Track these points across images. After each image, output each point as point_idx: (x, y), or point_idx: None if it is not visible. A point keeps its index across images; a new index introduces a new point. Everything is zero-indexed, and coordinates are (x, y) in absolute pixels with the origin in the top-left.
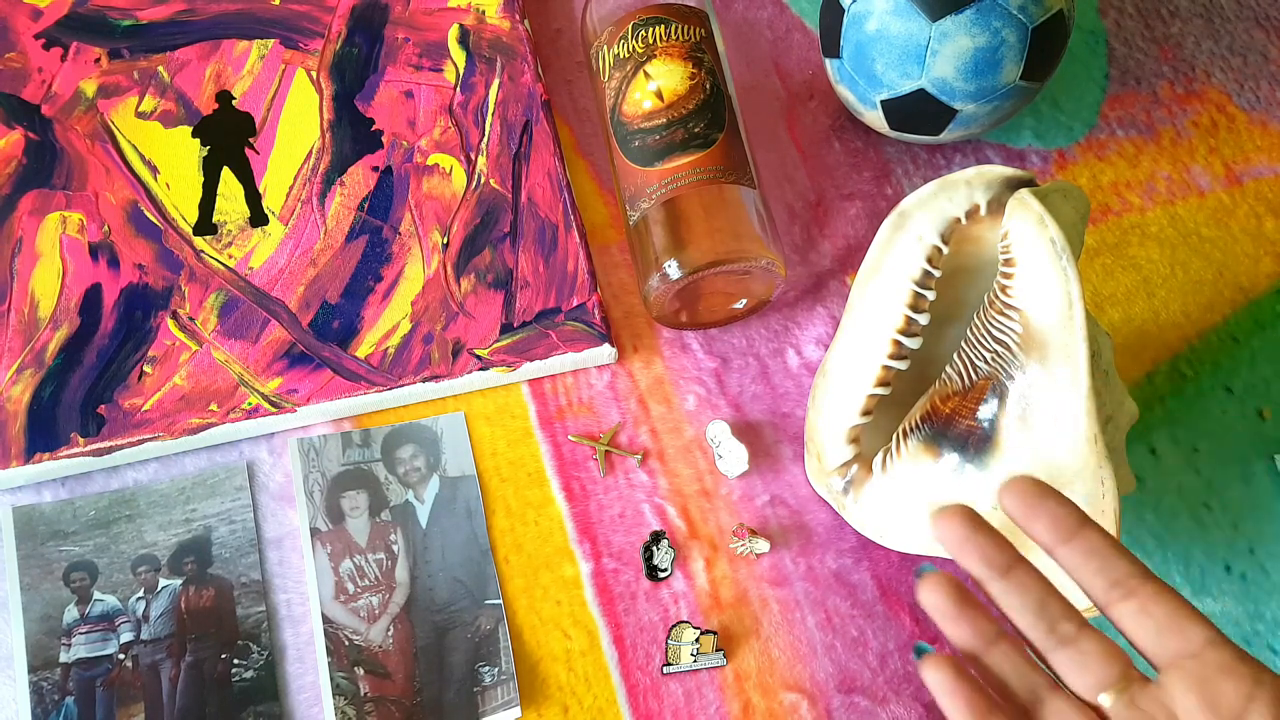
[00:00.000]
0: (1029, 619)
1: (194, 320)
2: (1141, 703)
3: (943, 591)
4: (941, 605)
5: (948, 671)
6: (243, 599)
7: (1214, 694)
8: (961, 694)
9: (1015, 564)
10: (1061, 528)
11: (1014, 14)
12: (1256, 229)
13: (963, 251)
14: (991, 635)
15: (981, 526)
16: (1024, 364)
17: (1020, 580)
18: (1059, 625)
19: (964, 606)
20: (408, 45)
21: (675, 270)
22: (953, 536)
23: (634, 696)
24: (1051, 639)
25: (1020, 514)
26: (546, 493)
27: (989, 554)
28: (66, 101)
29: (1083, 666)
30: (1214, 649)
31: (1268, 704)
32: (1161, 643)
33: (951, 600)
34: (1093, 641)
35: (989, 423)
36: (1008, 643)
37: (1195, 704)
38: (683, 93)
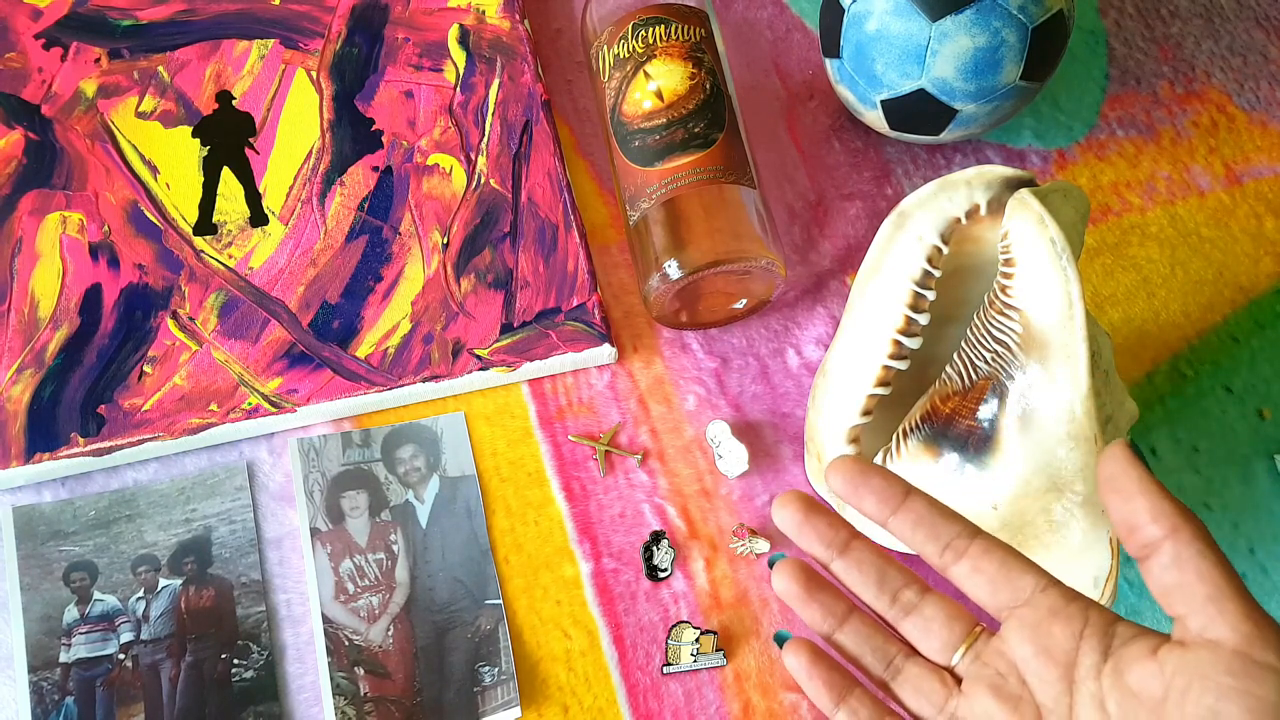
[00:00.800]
0: (872, 592)
1: (194, 320)
2: (986, 658)
3: (792, 576)
4: (792, 590)
5: (804, 655)
6: (243, 599)
7: (1047, 637)
8: (820, 675)
9: (851, 540)
10: (887, 499)
11: (1014, 14)
12: (1256, 229)
13: (963, 251)
14: (842, 613)
15: (815, 509)
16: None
17: (858, 555)
18: (901, 594)
19: (813, 589)
20: (408, 45)
21: (675, 270)
22: (791, 523)
23: (634, 696)
24: (896, 608)
25: (846, 492)
26: (546, 493)
27: (825, 534)
28: (66, 101)
29: (928, 631)
30: (1044, 594)
31: (1097, 639)
32: (995, 595)
33: (800, 584)
34: (935, 605)
35: (989, 423)
36: (859, 618)
37: (1030, 650)
38: (683, 93)
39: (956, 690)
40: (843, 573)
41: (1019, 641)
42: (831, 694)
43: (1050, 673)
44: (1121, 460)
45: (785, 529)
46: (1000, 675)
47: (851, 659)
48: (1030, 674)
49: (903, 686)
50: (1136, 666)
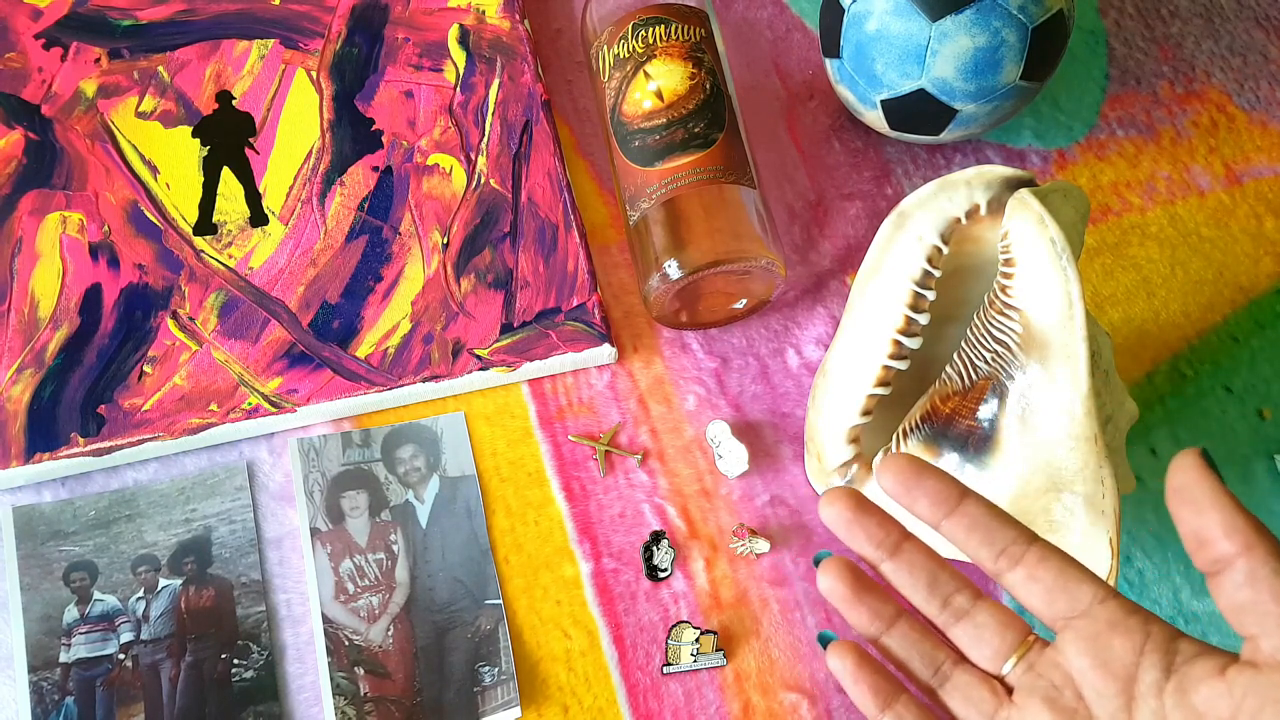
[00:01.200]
0: (923, 595)
1: (194, 320)
2: (1040, 668)
3: (839, 576)
4: (839, 591)
5: (850, 658)
6: (243, 599)
7: (1106, 651)
8: (865, 679)
9: (903, 542)
10: (943, 502)
11: (1014, 14)
12: (1256, 229)
13: (963, 251)
14: (890, 616)
15: (868, 507)
16: (1024, 364)
17: (910, 558)
18: (953, 599)
19: (861, 590)
20: (408, 45)
21: (675, 270)
22: (840, 521)
23: (634, 696)
24: (947, 613)
25: (900, 492)
26: (546, 493)
27: (876, 534)
28: (66, 101)
29: (979, 638)
30: (1103, 605)
31: (1158, 654)
32: (1052, 604)
33: (848, 585)
34: (988, 612)
35: (989, 423)
36: (908, 622)
37: (1088, 663)
38: (683, 93)
39: (1007, 700)
40: (892, 574)
41: (1076, 653)
42: (877, 699)
43: (1109, 687)
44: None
45: (833, 527)
46: (1055, 687)
47: (898, 663)
48: (1087, 687)
49: (950, 694)
50: (1203, 686)
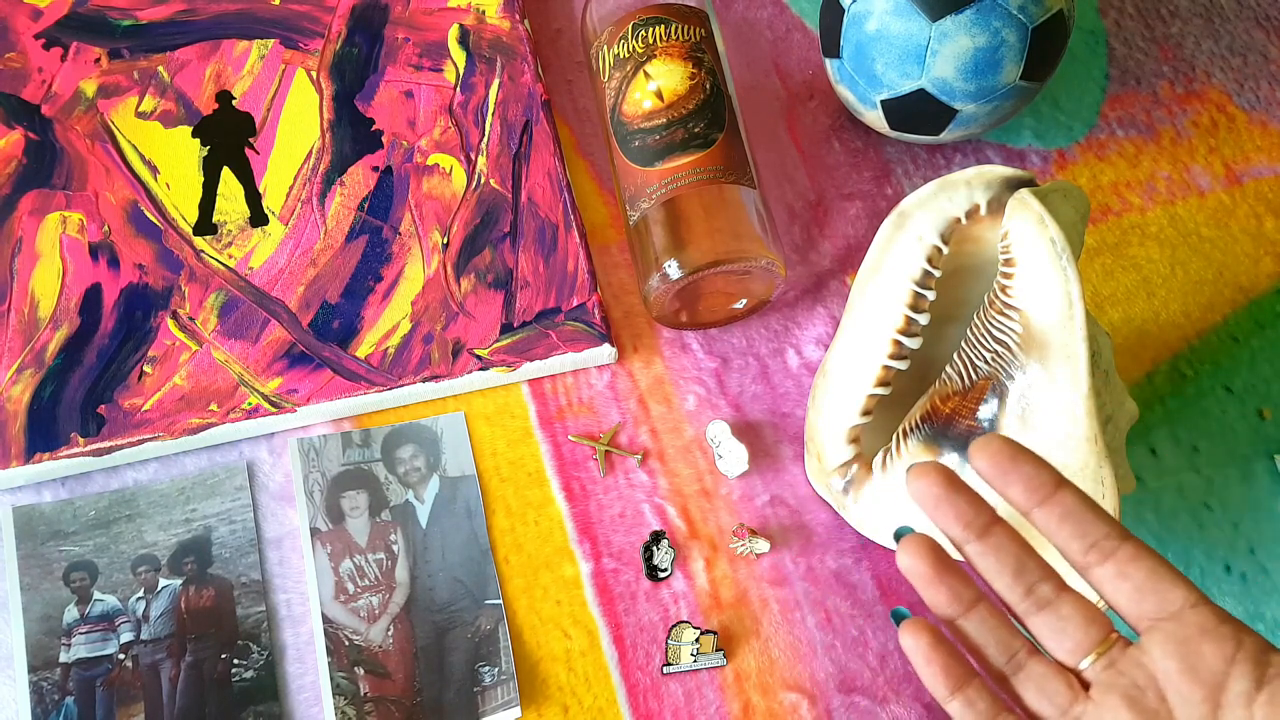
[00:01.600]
0: (1006, 581)
1: (194, 320)
2: (1122, 666)
3: (920, 554)
4: (919, 568)
5: (925, 637)
6: (243, 599)
7: (1195, 656)
8: (938, 661)
9: (992, 525)
10: (1037, 488)
11: (1014, 14)
12: (1256, 229)
13: (963, 251)
14: (969, 599)
15: (959, 486)
16: (1024, 364)
17: (997, 541)
18: (1037, 588)
19: (942, 570)
20: (408, 45)
21: (675, 270)
22: (929, 495)
23: (634, 696)
24: (1030, 602)
25: (993, 475)
26: (546, 493)
27: (966, 514)
28: (66, 101)
29: (1061, 631)
30: (1194, 610)
31: (1249, 665)
32: (1140, 604)
33: (929, 563)
34: (1072, 605)
35: (989, 423)
36: (986, 607)
37: (1175, 667)
38: (683, 93)
39: (1083, 695)
40: (978, 557)
41: (1163, 655)
42: (949, 681)
43: (1195, 693)
44: None
45: (921, 503)
46: (1137, 687)
47: (972, 648)
48: (1172, 691)
49: (1024, 683)
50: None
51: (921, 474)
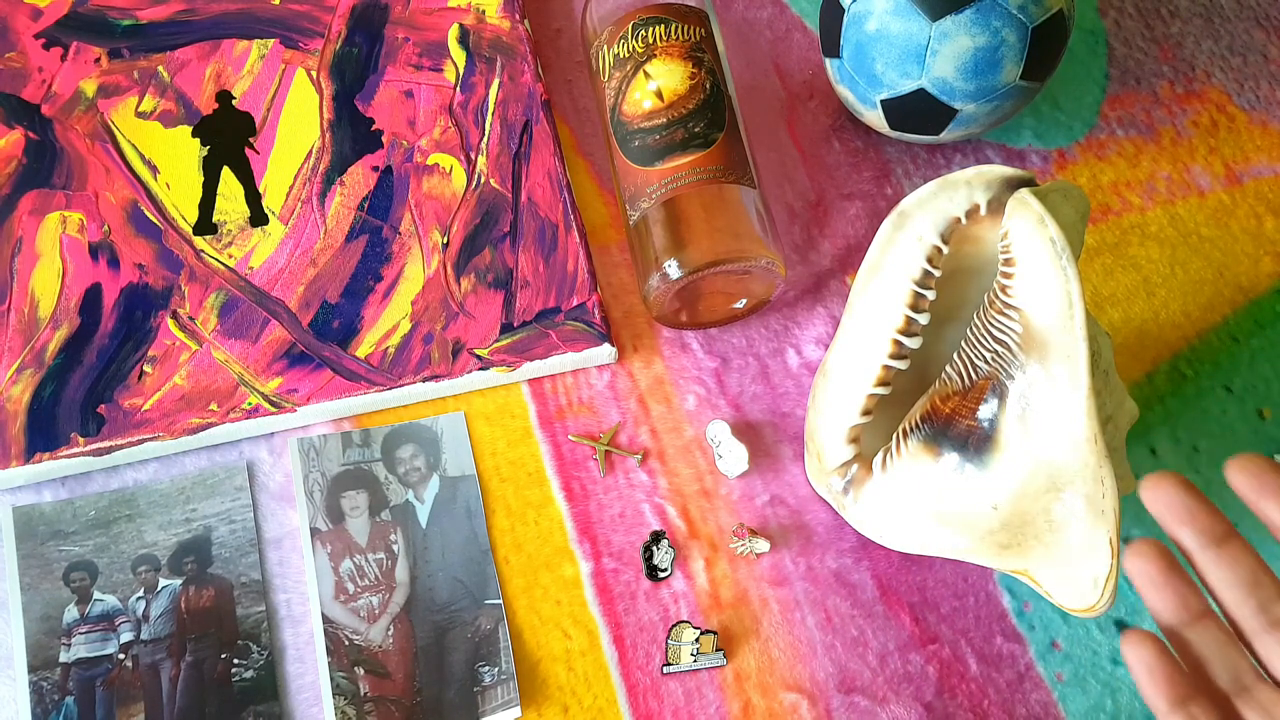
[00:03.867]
0: (1239, 595)
1: (194, 320)
2: None
3: (1151, 557)
4: (1148, 571)
5: (1151, 649)
6: (243, 599)
7: None
8: (1163, 674)
9: (1229, 537)
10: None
11: (1014, 14)
12: (1256, 229)
13: (963, 251)
14: (1197, 609)
15: (1196, 494)
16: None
17: (1233, 554)
18: (1271, 606)
19: (1172, 575)
20: (408, 45)
21: (675, 270)
22: (1165, 503)
23: (634, 696)
24: (1261, 619)
25: (1252, 491)
26: (546, 493)
27: (1203, 522)
28: (66, 101)
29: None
30: None
31: None
32: None
33: (1159, 567)
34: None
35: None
36: (1213, 621)
37: None
38: (683, 93)
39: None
40: (1210, 567)
41: None
42: (1172, 695)
43: None
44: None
45: (1156, 508)
46: None
47: (1194, 662)
48: None
49: (1248, 706)
50: None
51: (1158, 482)
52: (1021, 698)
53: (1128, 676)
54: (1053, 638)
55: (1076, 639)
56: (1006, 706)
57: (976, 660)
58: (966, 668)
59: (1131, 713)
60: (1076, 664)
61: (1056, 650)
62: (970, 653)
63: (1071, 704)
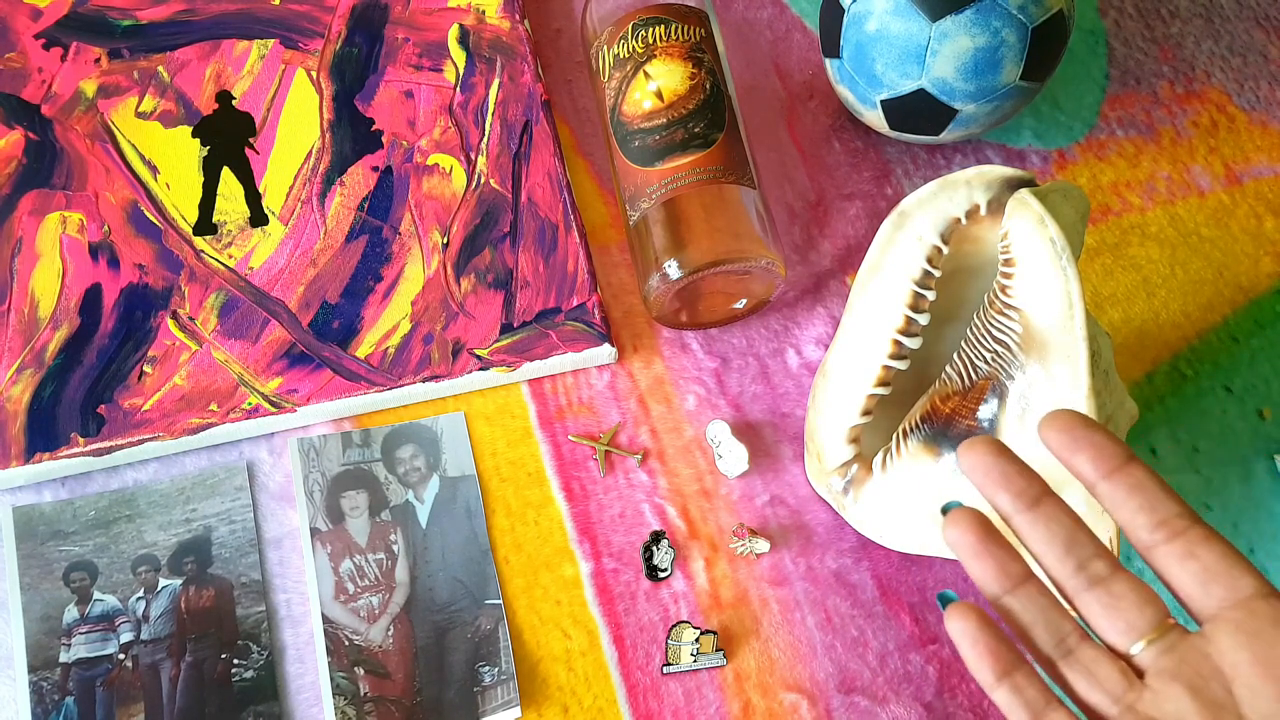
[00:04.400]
0: (1057, 554)
1: (194, 320)
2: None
3: (968, 525)
4: (966, 540)
5: (972, 620)
6: (243, 599)
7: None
8: (985, 645)
9: (1044, 496)
10: (1106, 460)
11: (1014, 14)
12: (1256, 229)
13: (963, 251)
14: (1017, 575)
15: (1009, 456)
16: (1024, 364)
17: (1049, 513)
18: (1090, 564)
19: (989, 542)
20: (408, 45)
21: (675, 270)
22: (978, 466)
23: (634, 696)
24: (1081, 578)
25: (1062, 446)
26: (546, 493)
27: (1016, 484)
28: (66, 101)
29: (1114, 610)
30: (1264, 600)
31: None
32: (1207, 591)
33: (977, 535)
34: (1126, 584)
35: (989, 423)
36: (1034, 585)
37: (1247, 658)
38: (683, 93)
39: (1138, 683)
40: (1027, 529)
41: (1233, 646)
42: (996, 667)
43: (1267, 689)
44: None
45: (970, 473)
46: (1200, 676)
47: (1019, 629)
48: (1241, 683)
49: (1073, 668)
50: None
51: (971, 446)
52: None
53: None
54: None
55: None
56: None
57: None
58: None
59: None
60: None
61: None
62: None
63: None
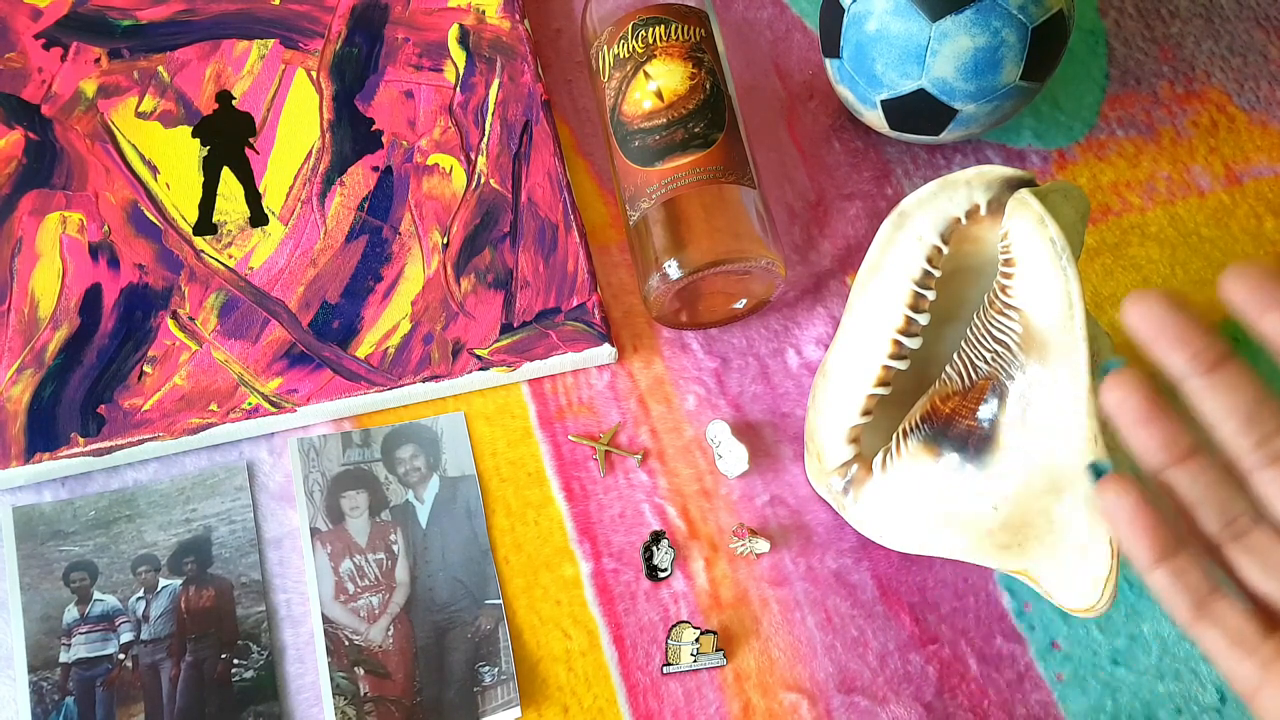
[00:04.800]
0: (1238, 425)
1: (194, 320)
2: None
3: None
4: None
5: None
6: (243, 599)
7: None
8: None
9: (1226, 359)
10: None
11: (1014, 14)
12: (1256, 229)
13: (963, 251)
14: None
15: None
16: (1024, 364)
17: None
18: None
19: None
20: (408, 45)
21: (675, 270)
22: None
23: (634, 696)
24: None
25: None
26: (546, 493)
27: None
28: (66, 101)
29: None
30: None
31: None
32: None
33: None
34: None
35: (989, 423)
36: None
37: None
38: (683, 93)
39: None
40: (1205, 394)
41: None
42: (1155, 547)
43: None
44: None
45: (1141, 329)
46: None
47: (1184, 506)
48: None
49: (1244, 552)
50: None
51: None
52: (1021, 698)
53: (1128, 677)
54: (1053, 638)
55: (1076, 639)
56: (1006, 707)
57: (976, 660)
58: (966, 668)
59: (1131, 713)
60: (1076, 664)
61: (1056, 650)
62: (970, 653)
63: (1072, 704)
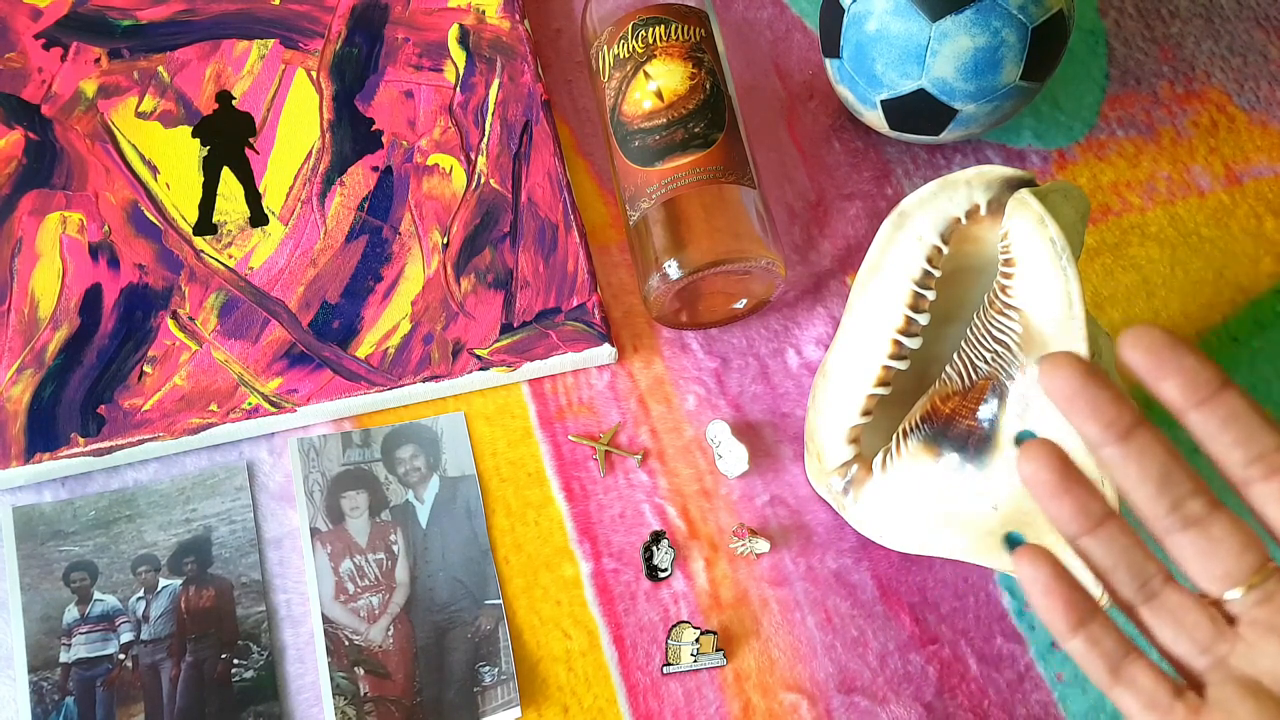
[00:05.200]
0: (1149, 492)
1: (194, 320)
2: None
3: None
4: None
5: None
6: (243, 599)
7: None
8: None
9: (1138, 426)
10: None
11: (1014, 14)
12: (1256, 229)
13: (963, 251)
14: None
15: (1101, 379)
16: (1024, 364)
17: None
18: (1186, 503)
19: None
20: (408, 45)
21: (675, 270)
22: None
23: (634, 696)
24: (1174, 518)
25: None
26: (546, 493)
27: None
28: (66, 101)
29: (1210, 554)
30: None
31: None
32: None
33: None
34: (1226, 525)
35: (989, 422)
36: (1116, 524)
37: None
38: (683, 93)
39: (1229, 632)
40: (1117, 463)
41: None
42: (1070, 617)
43: None
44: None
45: (1055, 397)
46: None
47: (1099, 572)
48: None
49: (1156, 614)
50: None
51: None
52: (1021, 698)
53: None
54: (1053, 638)
55: None
56: (1006, 706)
57: (976, 660)
58: (967, 668)
59: None
60: (1076, 664)
61: (1056, 650)
62: (970, 653)
63: (1071, 704)
